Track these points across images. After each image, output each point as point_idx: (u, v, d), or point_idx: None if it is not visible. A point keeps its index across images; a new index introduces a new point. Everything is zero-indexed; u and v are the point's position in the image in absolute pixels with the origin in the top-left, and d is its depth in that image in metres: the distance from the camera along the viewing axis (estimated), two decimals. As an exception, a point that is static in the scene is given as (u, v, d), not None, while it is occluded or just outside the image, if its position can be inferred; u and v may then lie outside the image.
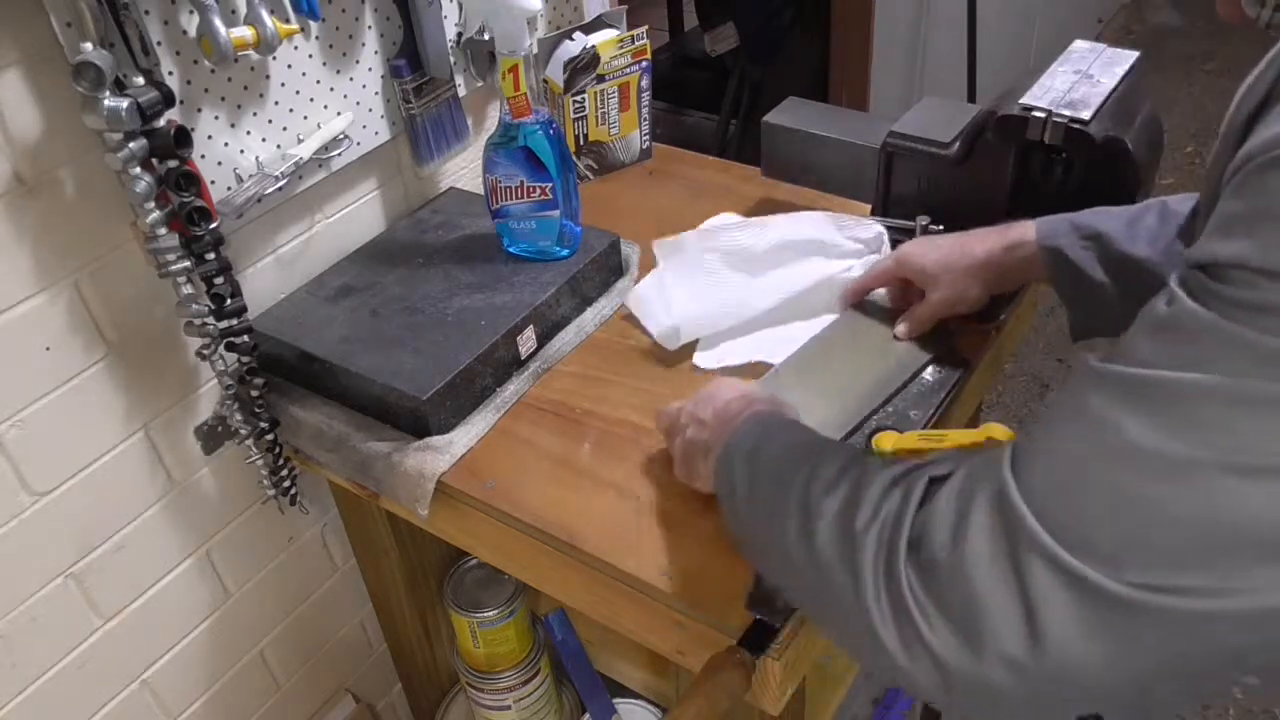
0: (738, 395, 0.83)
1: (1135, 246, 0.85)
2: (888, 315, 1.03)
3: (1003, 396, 2.39)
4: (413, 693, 1.47)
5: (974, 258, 0.93)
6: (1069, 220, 0.90)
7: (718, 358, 1.03)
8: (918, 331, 0.99)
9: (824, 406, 0.93)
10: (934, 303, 0.96)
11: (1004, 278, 0.94)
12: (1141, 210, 0.88)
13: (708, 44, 2.53)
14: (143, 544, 1.06)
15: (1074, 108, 0.95)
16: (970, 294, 0.95)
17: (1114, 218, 0.88)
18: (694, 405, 0.85)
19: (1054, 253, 0.89)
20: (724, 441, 0.78)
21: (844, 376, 0.97)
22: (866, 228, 1.10)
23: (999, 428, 0.77)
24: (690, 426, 0.84)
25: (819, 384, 0.97)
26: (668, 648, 0.87)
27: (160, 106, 0.82)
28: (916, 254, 0.97)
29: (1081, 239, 0.88)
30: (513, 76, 1.00)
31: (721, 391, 0.84)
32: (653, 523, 0.87)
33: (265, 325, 1.03)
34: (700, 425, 0.82)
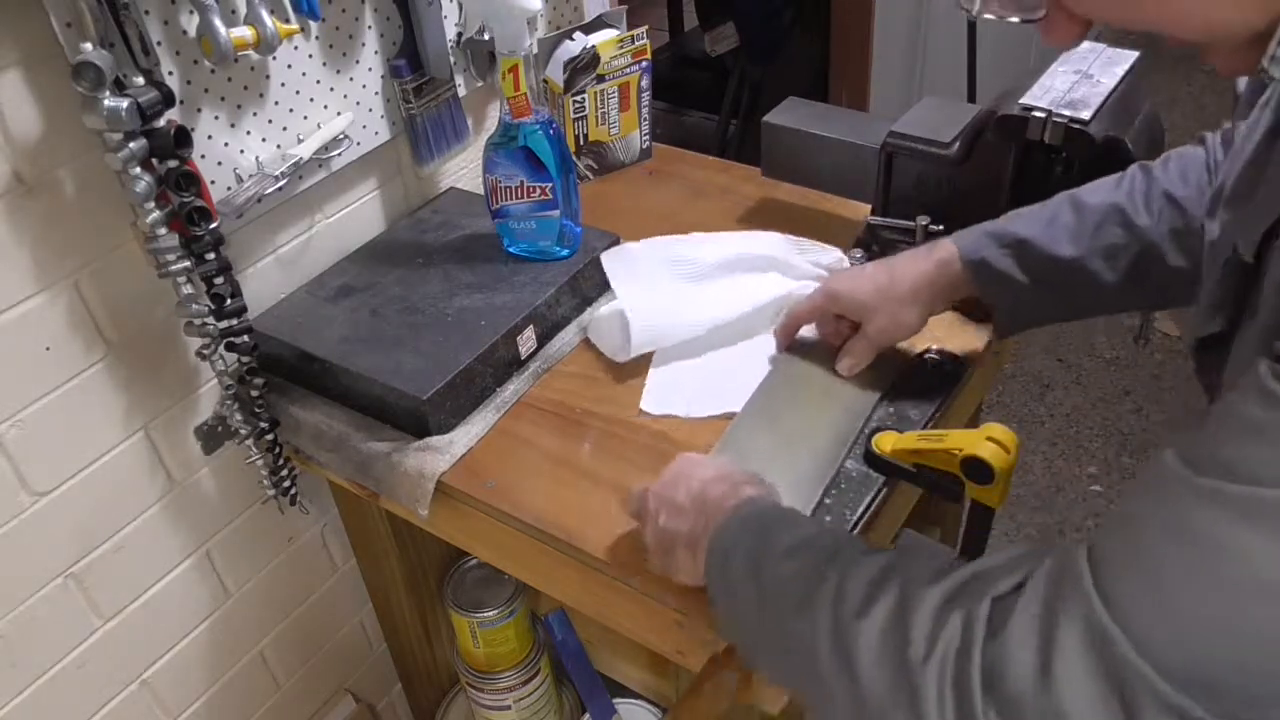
0: (714, 475, 0.76)
1: (1058, 247, 0.85)
2: (824, 353, 0.98)
3: (1003, 396, 2.39)
4: (413, 693, 1.47)
5: (907, 283, 0.91)
6: (986, 231, 0.89)
7: (663, 403, 0.98)
8: (861, 365, 0.95)
9: (791, 465, 0.88)
10: (872, 334, 0.93)
11: (939, 296, 0.91)
12: (1055, 208, 0.87)
13: (708, 44, 2.53)
14: (143, 544, 1.06)
15: (1074, 108, 0.96)
16: (909, 319, 0.92)
17: (1031, 221, 0.87)
18: (663, 487, 0.77)
19: (979, 265, 0.88)
20: (714, 534, 0.71)
21: (800, 428, 0.92)
22: (827, 252, 1.09)
23: (999, 428, 0.77)
24: (663, 513, 0.76)
25: (777, 442, 0.91)
26: (668, 648, 0.87)
27: (160, 106, 0.82)
28: (848, 287, 0.93)
29: (1002, 247, 0.87)
30: (513, 76, 1.00)
31: (694, 471, 0.77)
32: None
33: (265, 325, 1.03)
34: (676, 512, 0.75)
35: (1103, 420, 2.32)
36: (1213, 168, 0.82)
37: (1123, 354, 2.48)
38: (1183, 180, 0.83)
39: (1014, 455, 0.76)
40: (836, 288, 0.94)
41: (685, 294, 1.06)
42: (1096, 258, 0.84)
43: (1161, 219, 0.82)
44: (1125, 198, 0.84)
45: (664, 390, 1.00)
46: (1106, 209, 0.84)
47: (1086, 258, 0.84)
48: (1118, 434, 2.28)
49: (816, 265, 1.09)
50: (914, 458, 0.83)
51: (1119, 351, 2.49)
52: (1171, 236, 0.82)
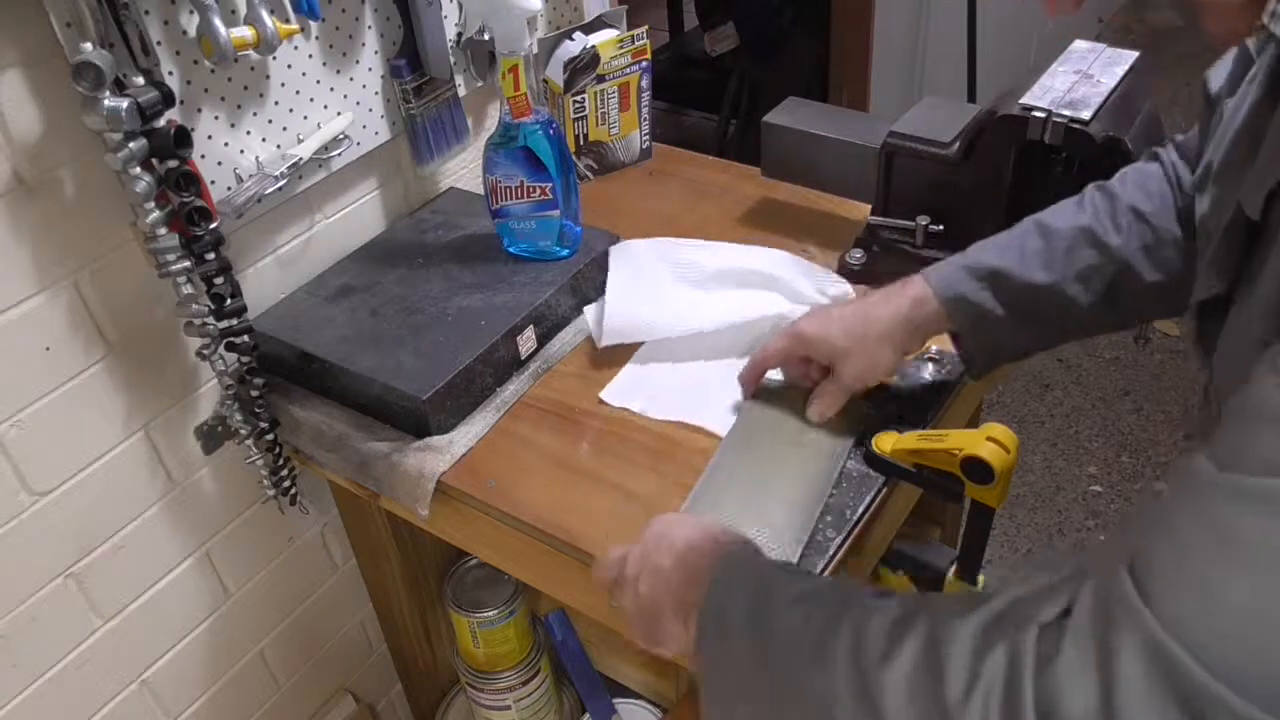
0: (698, 535, 0.71)
1: (1032, 274, 0.83)
2: (792, 398, 0.93)
3: (1003, 396, 2.39)
4: (413, 693, 1.47)
5: (882, 324, 0.86)
6: (960, 265, 0.86)
7: (623, 395, 0.98)
8: (834, 410, 0.90)
9: (768, 520, 0.83)
10: (846, 378, 0.88)
11: (913, 336, 0.87)
12: (1021, 234, 0.85)
13: (708, 44, 2.53)
14: (143, 544, 1.06)
15: (1074, 108, 0.96)
16: (884, 360, 0.88)
17: (1001, 250, 0.85)
18: (644, 550, 0.73)
19: (957, 301, 0.85)
20: (704, 596, 0.66)
21: (774, 484, 0.87)
22: (836, 284, 1.07)
23: (999, 428, 0.77)
24: (643, 579, 0.71)
25: (751, 500, 0.86)
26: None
27: (160, 106, 0.82)
28: (818, 331, 0.88)
29: (977, 280, 0.84)
30: (513, 76, 1.00)
31: (674, 531, 0.72)
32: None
33: (265, 325, 1.03)
34: (657, 577, 0.70)
35: (1103, 420, 2.32)
36: (1174, 179, 0.82)
37: (1123, 354, 2.48)
38: (1145, 195, 0.83)
39: (1014, 455, 0.76)
40: (804, 330, 0.89)
41: (676, 294, 1.05)
42: (1072, 282, 0.82)
43: (1131, 236, 0.82)
44: (1092, 219, 0.83)
45: (630, 383, 1.00)
46: (1075, 232, 0.83)
47: (1062, 282, 0.82)
48: (1118, 434, 2.28)
49: (822, 293, 1.06)
50: (914, 458, 0.83)
51: (1119, 351, 2.49)
52: (1144, 252, 0.81)
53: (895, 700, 0.50)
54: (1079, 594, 0.48)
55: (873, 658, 0.52)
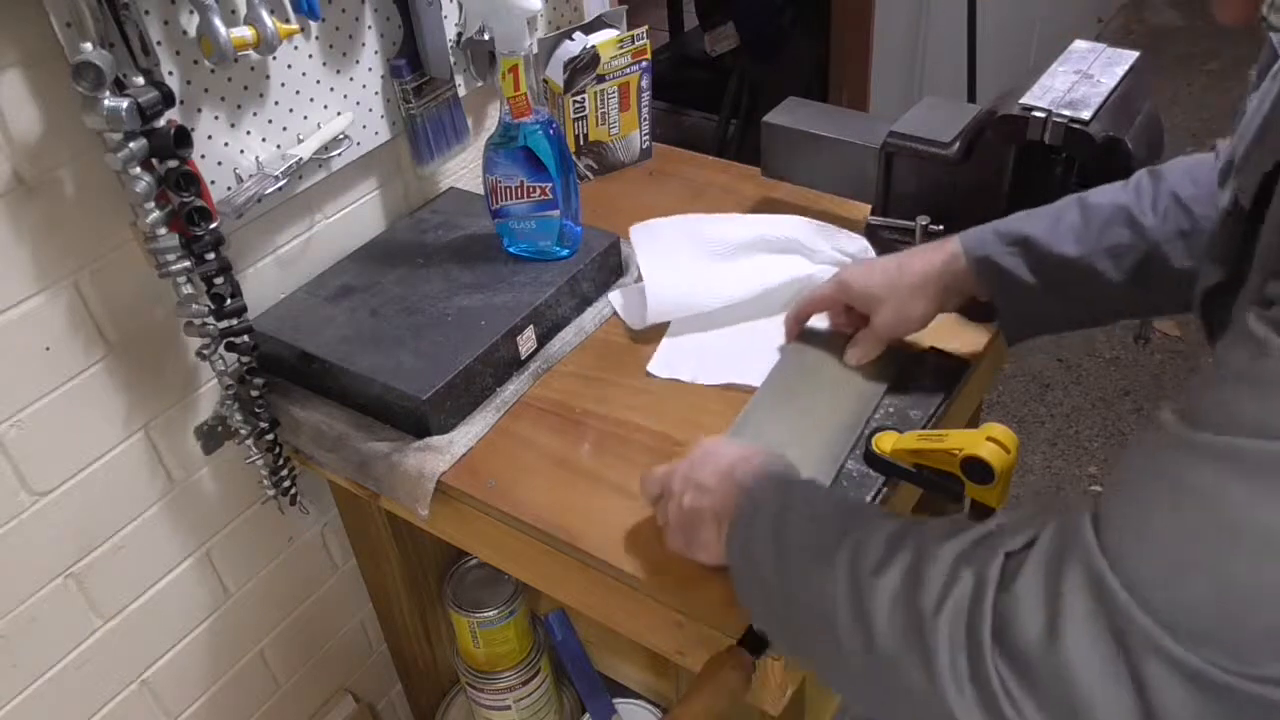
0: (740, 455, 0.78)
1: (1063, 246, 0.85)
2: (834, 342, 0.99)
3: (1003, 396, 2.39)
4: (413, 693, 1.47)
5: (915, 275, 0.91)
6: (993, 229, 0.89)
7: (670, 367, 1.01)
8: (869, 356, 0.96)
9: (804, 449, 0.89)
10: (880, 325, 0.94)
11: (946, 292, 0.91)
12: (1061, 208, 0.87)
13: (708, 44, 2.53)
14: (143, 544, 1.06)
15: (1074, 108, 0.95)
16: (915, 312, 0.92)
17: (1036, 220, 0.87)
18: (690, 468, 0.79)
19: (983, 261, 0.88)
20: (736, 506, 0.73)
21: (811, 418, 0.93)
22: (853, 240, 1.10)
23: (999, 428, 0.77)
24: (688, 493, 0.77)
25: (790, 428, 0.92)
26: (668, 648, 0.87)
27: (160, 106, 0.82)
28: (859, 278, 0.94)
29: (1008, 245, 0.87)
30: (513, 76, 1.00)
31: (719, 451, 0.79)
32: (653, 523, 0.86)
33: (265, 325, 1.03)
34: (700, 490, 0.76)
35: (1103, 420, 2.32)
36: None
37: (1123, 354, 2.48)
38: (1192, 182, 0.83)
39: (1014, 455, 0.76)
40: (847, 278, 0.95)
41: (706, 269, 1.07)
42: (1102, 257, 0.84)
43: (1168, 220, 0.82)
44: (1132, 199, 0.84)
45: (674, 355, 1.03)
46: (1113, 209, 0.84)
47: (1091, 256, 0.84)
48: (1118, 434, 2.28)
49: (840, 251, 1.09)
50: (914, 458, 0.83)
51: (1119, 351, 2.49)
52: (1178, 238, 0.82)
53: (882, 606, 0.56)
54: (1044, 527, 0.52)
55: (867, 568, 0.58)
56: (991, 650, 0.50)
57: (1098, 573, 0.47)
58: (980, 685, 0.50)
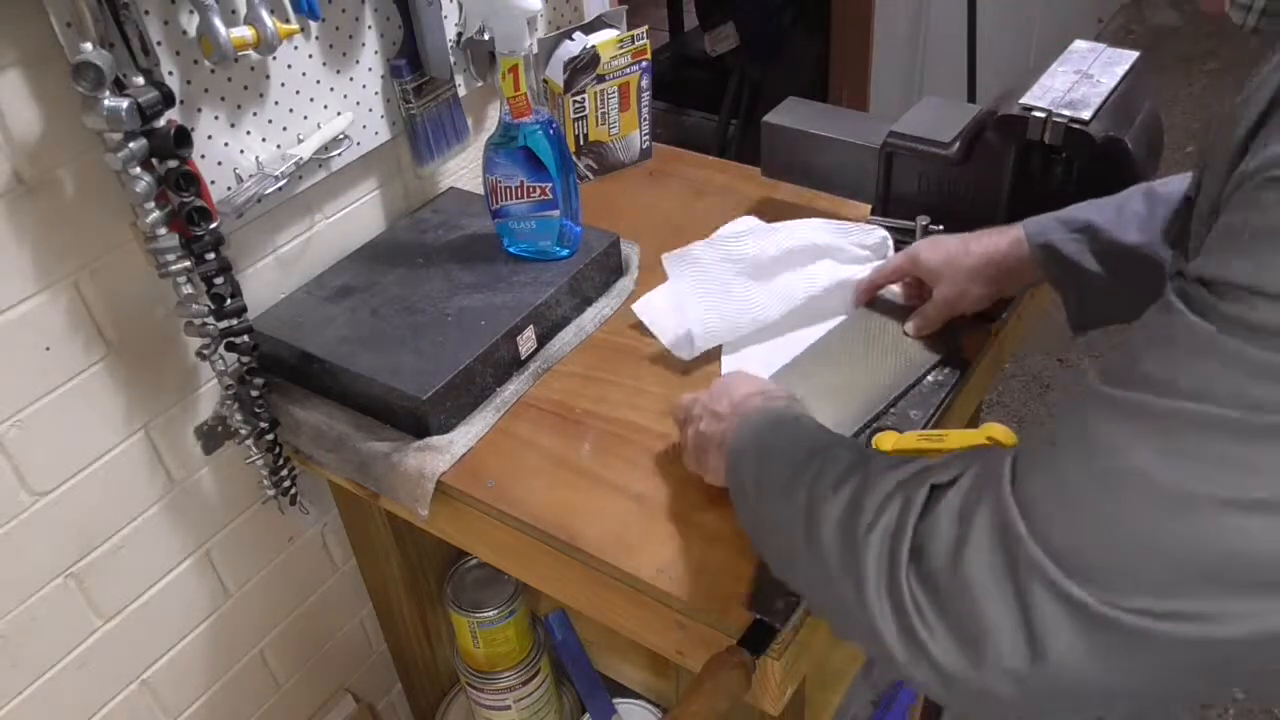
0: (755, 389, 0.83)
1: (1126, 234, 0.85)
2: (899, 312, 1.04)
3: (1003, 396, 2.39)
4: (413, 693, 1.47)
5: (974, 256, 0.94)
6: (1056, 217, 0.90)
7: (742, 364, 1.02)
8: (928, 329, 1.00)
9: (834, 404, 0.93)
10: (939, 301, 0.97)
11: (1005, 276, 0.94)
12: (1126, 197, 0.88)
13: (708, 44, 2.53)
14: (143, 544, 1.06)
15: (1074, 108, 0.95)
16: (972, 292, 0.95)
17: (1101, 208, 0.88)
18: (709, 397, 0.84)
19: (1046, 248, 0.89)
20: (735, 433, 0.78)
21: (854, 374, 0.98)
22: (870, 233, 1.10)
23: (999, 428, 0.77)
24: (704, 418, 0.83)
25: (829, 381, 0.97)
26: (668, 648, 0.87)
27: (160, 106, 0.82)
28: (925, 252, 0.98)
29: (1071, 232, 0.88)
30: (513, 76, 1.00)
31: (738, 384, 0.84)
32: (652, 522, 0.87)
33: (265, 325, 1.03)
34: (714, 417, 0.82)
35: (1103, 420, 2.32)
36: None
37: (1123, 354, 2.48)
38: None
39: (1014, 455, 0.76)
40: (915, 251, 0.99)
41: (743, 292, 1.06)
42: (1164, 246, 0.84)
43: None
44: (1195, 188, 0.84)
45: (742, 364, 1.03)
46: (1178, 199, 0.84)
47: (1154, 245, 0.84)
48: (1118, 434, 2.28)
49: (861, 246, 1.09)
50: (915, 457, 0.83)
51: (1119, 351, 2.49)
52: None
53: (829, 528, 0.61)
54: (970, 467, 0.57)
55: (821, 492, 0.63)
56: (907, 569, 0.55)
57: (1004, 506, 0.52)
58: (895, 600, 0.55)
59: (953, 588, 0.53)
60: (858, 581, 0.57)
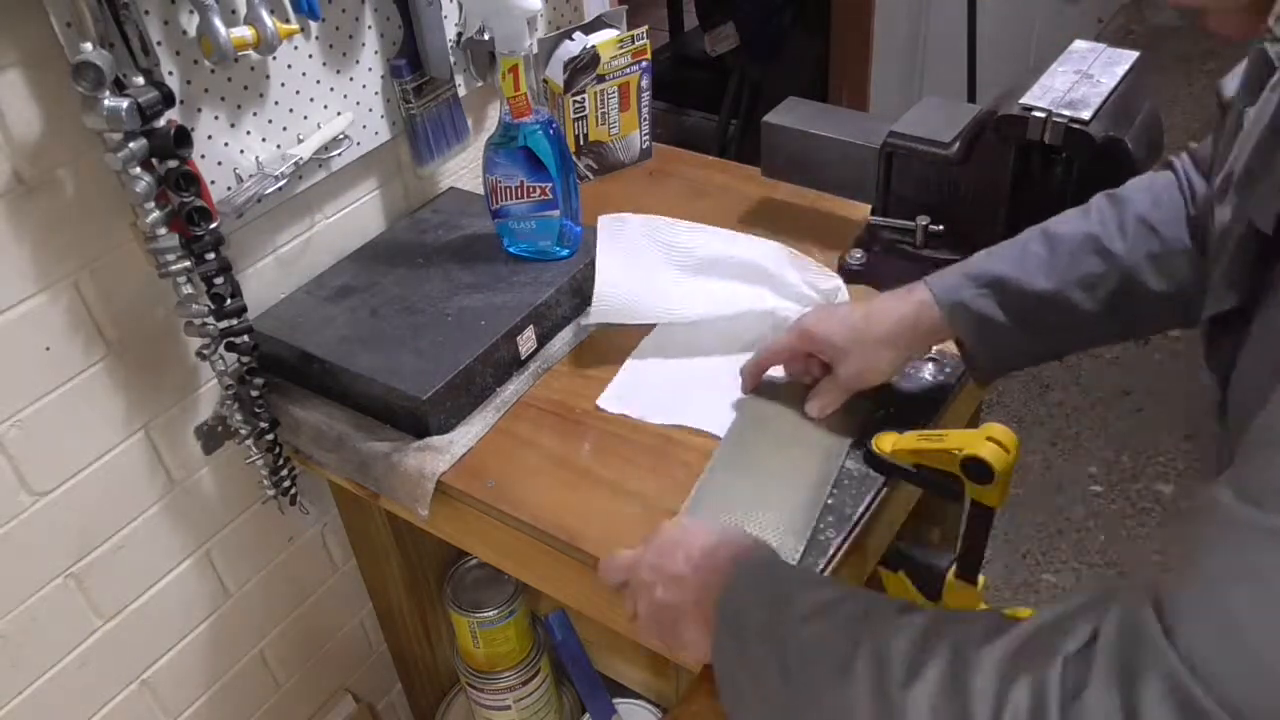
0: (713, 540, 0.71)
1: (1034, 282, 0.82)
2: (792, 394, 0.95)
3: (1003, 396, 2.39)
4: (413, 693, 1.47)
5: (884, 326, 0.87)
6: (960, 271, 0.86)
7: (621, 402, 0.98)
8: (831, 408, 0.92)
9: (773, 520, 0.84)
10: (844, 377, 0.90)
11: (917, 341, 0.88)
12: (1024, 242, 0.85)
13: (708, 44, 2.53)
14: (143, 544, 1.06)
15: (1074, 108, 0.95)
16: (882, 364, 0.89)
17: (1003, 258, 0.85)
18: (656, 556, 0.73)
19: (957, 307, 0.84)
20: (721, 599, 0.67)
21: (775, 480, 0.88)
22: (827, 279, 1.06)
23: (999, 428, 0.77)
24: (658, 586, 0.71)
25: (753, 497, 0.86)
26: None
27: (160, 106, 0.82)
28: (821, 328, 0.90)
29: (979, 288, 0.84)
30: (513, 76, 1.00)
31: (690, 538, 0.72)
32: (652, 522, 0.86)
33: (265, 325, 1.03)
34: (674, 582, 0.70)
35: (1103, 420, 2.32)
36: (1187, 188, 0.81)
37: (1123, 354, 2.48)
38: (1154, 203, 0.81)
39: (1014, 455, 0.76)
40: (809, 326, 0.90)
41: (665, 278, 1.04)
42: (1075, 289, 0.81)
43: (1137, 244, 0.80)
44: (1098, 225, 0.82)
45: (625, 389, 1.00)
46: (1080, 238, 0.82)
47: (1065, 289, 0.81)
48: (1118, 434, 2.28)
49: (812, 287, 1.05)
50: (914, 458, 0.83)
51: (1119, 351, 2.49)
52: (1149, 260, 0.80)
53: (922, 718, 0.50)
54: (1103, 624, 0.47)
55: (896, 678, 0.52)
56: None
57: (1179, 682, 0.43)
58: None
59: None
60: None
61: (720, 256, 1.06)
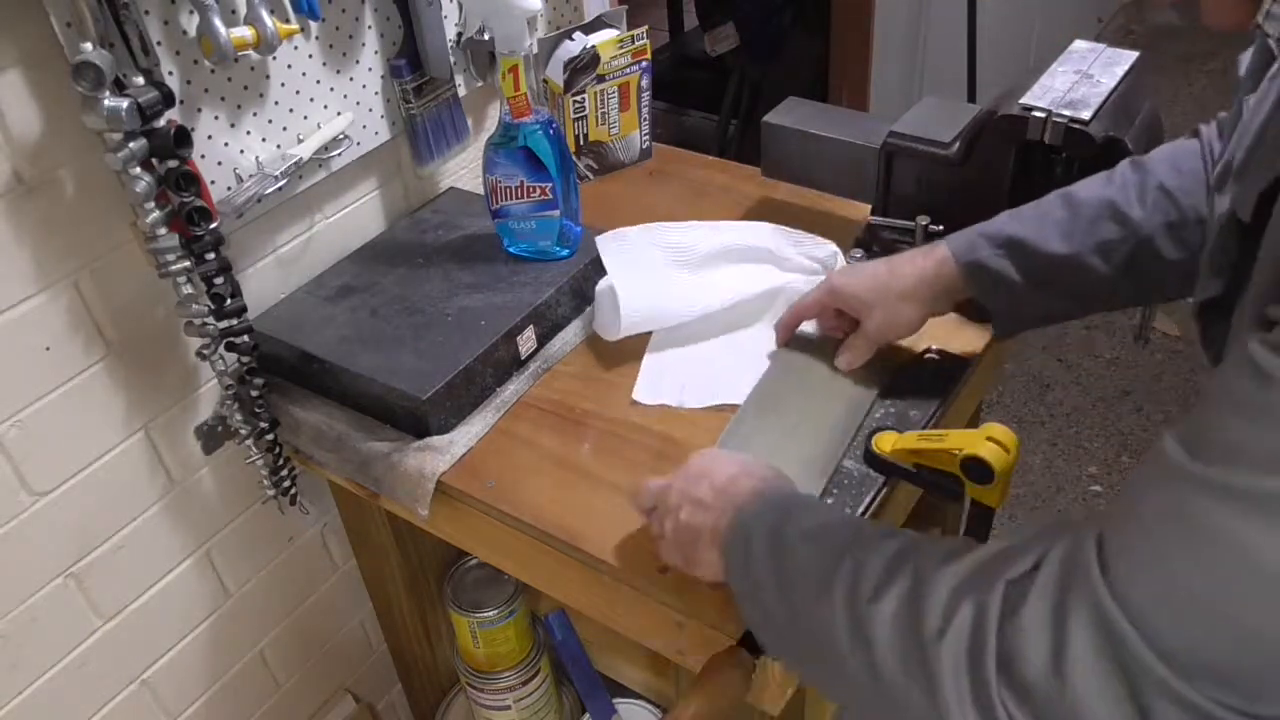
0: (739, 470, 0.76)
1: (1051, 244, 0.85)
2: (824, 347, 0.99)
3: (1003, 396, 2.39)
4: (413, 693, 1.47)
5: (905, 280, 0.91)
6: (979, 232, 0.89)
7: (655, 393, 1.00)
8: (859, 361, 0.96)
9: (795, 457, 0.88)
10: (870, 331, 0.94)
11: (937, 296, 0.91)
12: (1047, 205, 0.87)
13: (708, 44, 2.52)
14: (143, 544, 1.06)
15: (1074, 108, 0.95)
16: (905, 317, 0.92)
17: (1023, 220, 0.87)
18: (685, 483, 0.77)
19: (973, 266, 0.88)
20: (732, 526, 0.72)
21: (803, 423, 0.93)
22: (821, 246, 1.09)
23: (999, 428, 0.77)
24: (684, 508, 0.76)
25: (780, 437, 0.92)
26: (668, 648, 0.87)
27: (160, 106, 0.82)
28: (848, 282, 0.94)
29: (997, 248, 0.87)
30: (513, 76, 1.00)
31: (716, 465, 0.77)
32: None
33: (265, 325, 1.03)
34: (698, 506, 0.75)
35: (1103, 420, 2.32)
36: (1208, 157, 0.82)
37: (1123, 354, 2.48)
38: (1175, 171, 0.83)
39: (1014, 455, 0.76)
40: (837, 283, 0.95)
41: (678, 280, 1.06)
42: (1091, 253, 0.84)
43: (1155, 211, 0.82)
44: (1118, 192, 0.84)
45: (657, 379, 1.01)
46: (1099, 204, 0.84)
47: (1081, 253, 0.84)
48: (1118, 434, 2.28)
49: (811, 259, 1.09)
50: (914, 458, 0.83)
51: (1119, 351, 2.49)
52: (1166, 229, 0.82)
53: (882, 633, 0.55)
54: (1048, 554, 0.51)
55: (865, 594, 0.57)
56: (996, 681, 0.49)
57: (1104, 608, 0.46)
58: (984, 713, 0.50)
59: (1056, 702, 0.47)
60: (932, 695, 0.52)
61: (720, 247, 1.08)
